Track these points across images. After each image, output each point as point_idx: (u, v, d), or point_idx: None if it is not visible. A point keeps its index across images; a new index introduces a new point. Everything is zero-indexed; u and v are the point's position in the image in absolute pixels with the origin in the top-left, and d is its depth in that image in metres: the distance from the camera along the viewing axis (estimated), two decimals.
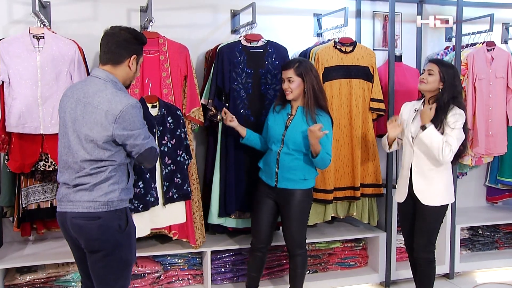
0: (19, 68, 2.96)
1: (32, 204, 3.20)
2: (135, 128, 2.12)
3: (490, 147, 3.91)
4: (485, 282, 3.82)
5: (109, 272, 2.21)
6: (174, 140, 2.89)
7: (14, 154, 3.04)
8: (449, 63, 3.02)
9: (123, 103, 2.09)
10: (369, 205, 3.68)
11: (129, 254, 2.25)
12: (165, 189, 2.95)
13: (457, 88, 2.85)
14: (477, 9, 4.13)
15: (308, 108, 2.89)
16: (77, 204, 2.14)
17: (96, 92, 2.13)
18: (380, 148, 3.68)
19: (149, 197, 2.88)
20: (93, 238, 2.16)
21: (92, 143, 2.11)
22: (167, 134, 2.89)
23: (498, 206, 4.49)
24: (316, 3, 3.92)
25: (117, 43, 2.19)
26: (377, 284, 3.74)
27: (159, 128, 2.89)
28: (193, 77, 3.27)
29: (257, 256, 3.07)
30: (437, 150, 2.78)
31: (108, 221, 2.15)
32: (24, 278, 3.12)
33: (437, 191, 2.89)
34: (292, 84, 2.88)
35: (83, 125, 2.12)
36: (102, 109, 2.09)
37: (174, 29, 3.52)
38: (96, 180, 2.13)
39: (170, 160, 2.92)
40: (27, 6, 3.15)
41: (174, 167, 2.94)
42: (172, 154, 2.93)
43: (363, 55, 3.57)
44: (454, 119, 2.79)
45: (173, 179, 2.96)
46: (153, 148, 2.21)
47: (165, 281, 3.38)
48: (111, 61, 2.20)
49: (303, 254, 3.05)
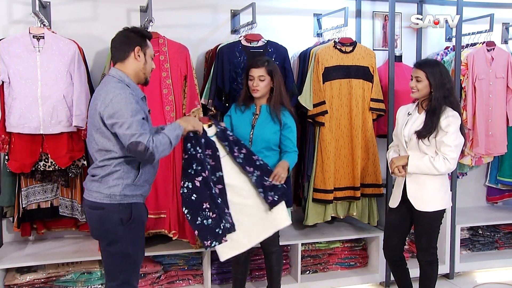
0: (19, 68, 2.97)
1: (32, 204, 3.20)
2: (121, 117, 2.16)
3: (490, 147, 3.90)
4: (485, 282, 3.82)
5: (112, 263, 2.33)
6: (244, 149, 2.80)
7: (14, 154, 3.04)
8: (433, 60, 2.96)
9: (115, 92, 2.18)
10: (369, 205, 3.68)
11: (130, 248, 2.29)
12: (263, 195, 2.81)
13: (446, 86, 2.79)
14: (477, 9, 4.13)
15: (273, 106, 2.91)
16: (89, 193, 2.31)
17: (102, 87, 2.28)
18: (380, 148, 3.69)
19: (224, 222, 2.64)
20: (94, 227, 2.34)
21: (98, 132, 2.23)
22: (235, 146, 2.78)
23: (498, 206, 4.49)
24: (316, 3, 3.92)
25: (119, 41, 2.34)
26: (377, 284, 3.74)
27: (225, 143, 2.77)
28: (193, 77, 3.27)
29: (241, 258, 3.02)
30: (429, 170, 2.78)
31: (109, 213, 2.26)
32: (24, 278, 3.12)
33: (430, 197, 2.86)
34: (262, 82, 2.89)
35: (92, 116, 2.27)
36: (100, 99, 2.22)
37: (174, 29, 3.52)
38: (104, 173, 2.26)
39: (252, 167, 2.79)
40: (27, 6, 3.15)
41: (259, 173, 2.80)
42: (250, 162, 2.80)
43: (363, 55, 3.56)
44: (446, 122, 2.74)
45: (264, 183, 2.81)
46: (139, 143, 2.15)
47: (165, 281, 3.38)
48: (118, 58, 2.34)
49: (278, 251, 3.06)
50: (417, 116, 2.89)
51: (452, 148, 2.75)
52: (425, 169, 2.79)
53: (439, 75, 2.78)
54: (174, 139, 2.30)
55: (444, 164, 2.76)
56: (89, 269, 3.24)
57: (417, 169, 2.81)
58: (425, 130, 2.78)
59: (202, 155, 2.62)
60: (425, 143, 2.79)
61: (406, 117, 2.94)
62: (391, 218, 3.08)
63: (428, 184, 2.86)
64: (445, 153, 2.75)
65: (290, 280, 3.57)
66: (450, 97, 2.80)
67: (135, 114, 2.18)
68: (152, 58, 2.41)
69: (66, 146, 3.09)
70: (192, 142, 2.60)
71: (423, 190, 2.87)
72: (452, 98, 2.82)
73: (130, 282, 2.35)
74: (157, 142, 2.20)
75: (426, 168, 2.79)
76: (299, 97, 3.41)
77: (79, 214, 3.25)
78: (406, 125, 2.91)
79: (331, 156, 3.49)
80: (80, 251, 3.26)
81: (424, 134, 2.78)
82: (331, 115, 3.49)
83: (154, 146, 2.18)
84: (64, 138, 3.08)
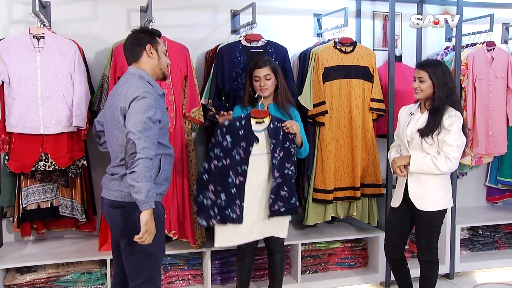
0: (19, 68, 2.97)
1: (32, 204, 3.20)
2: (136, 108, 2.18)
3: (490, 147, 3.90)
4: (485, 282, 3.82)
5: (134, 261, 2.33)
6: (282, 153, 2.84)
7: (14, 154, 3.04)
8: (435, 60, 2.97)
9: (140, 89, 2.22)
10: (369, 205, 3.68)
11: (153, 246, 2.28)
12: (271, 202, 2.85)
13: (448, 85, 2.80)
14: (477, 9, 4.13)
15: (281, 103, 2.96)
16: (109, 192, 2.33)
17: (123, 83, 2.31)
18: (380, 148, 3.69)
19: (230, 212, 2.79)
20: (116, 225, 2.35)
21: (117, 128, 2.26)
22: (279, 146, 2.83)
23: (498, 206, 4.49)
24: (316, 3, 3.92)
25: (130, 43, 2.39)
26: (377, 284, 3.74)
27: (272, 141, 2.82)
28: (193, 77, 3.27)
29: (247, 261, 3.04)
30: (431, 170, 2.79)
31: (130, 212, 2.26)
32: (24, 278, 3.12)
33: (431, 196, 2.87)
34: (269, 81, 2.92)
35: (113, 113, 2.29)
36: (123, 94, 2.24)
37: (174, 29, 3.52)
38: (124, 172, 2.24)
39: (279, 173, 2.84)
40: (27, 6, 3.15)
41: (280, 180, 2.85)
42: (280, 168, 2.85)
43: (363, 55, 3.56)
44: (449, 122, 2.75)
45: (279, 192, 2.86)
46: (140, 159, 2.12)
47: (165, 281, 3.38)
48: (133, 59, 2.38)
49: (282, 251, 3.08)
50: (419, 115, 2.89)
51: (454, 148, 2.75)
52: (427, 168, 2.80)
53: (442, 74, 2.80)
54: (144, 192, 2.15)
55: (446, 163, 2.76)
56: (89, 269, 3.24)
57: (419, 169, 2.82)
58: (428, 128, 2.79)
59: (230, 145, 2.79)
60: (428, 142, 2.80)
61: (409, 117, 2.95)
62: (392, 218, 3.08)
63: (429, 184, 2.86)
64: (447, 152, 2.75)
65: (290, 280, 3.57)
66: (452, 96, 2.82)
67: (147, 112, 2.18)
68: (165, 54, 2.45)
69: (66, 146, 3.09)
70: (223, 130, 2.79)
71: (425, 189, 2.87)
72: (454, 97, 2.84)
73: (153, 280, 2.36)
74: (144, 169, 2.14)
75: (428, 168, 2.79)
76: (299, 97, 3.41)
77: (79, 214, 3.25)
78: (408, 125, 2.92)
79: (331, 156, 3.49)
80: (80, 251, 3.26)
81: (427, 132, 2.79)
82: (331, 115, 3.49)
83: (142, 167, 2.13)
84: (64, 138, 3.08)
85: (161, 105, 2.32)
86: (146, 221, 2.17)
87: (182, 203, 3.21)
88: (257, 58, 3.02)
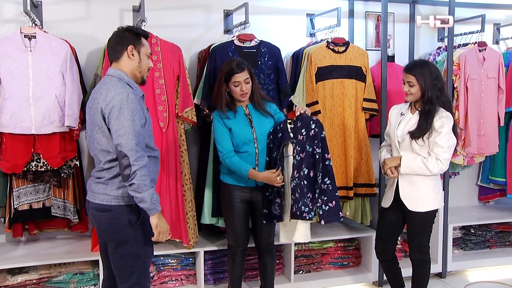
0: (10, 67, 2.95)
1: (24, 205, 3.18)
2: (121, 116, 2.15)
3: (482, 147, 3.93)
4: (477, 281, 3.84)
5: (123, 264, 2.31)
6: (303, 154, 2.79)
7: (6, 154, 3.02)
8: (421, 61, 2.94)
9: (116, 91, 2.18)
10: (362, 205, 3.69)
11: (141, 249, 2.29)
12: (292, 202, 2.81)
13: (437, 86, 2.79)
14: (468, 10, 4.15)
15: (259, 103, 2.95)
16: (95, 195, 2.29)
17: (102, 86, 2.27)
18: (373, 148, 3.70)
19: (273, 210, 2.88)
20: (102, 229, 2.32)
21: (100, 131, 2.22)
22: (298, 146, 2.80)
23: (490, 206, 4.52)
24: (309, 3, 3.92)
25: (114, 40, 2.33)
26: (370, 284, 3.75)
27: (293, 140, 2.82)
28: (186, 77, 3.26)
29: (238, 259, 3.04)
30: (422, 171, 2.80)
31: (117, 215, 2.25)
32: (15, 279, 3.10)
33: (423, 197, 2.88)
34: (248, 84, 2.89)
35: (93, 116, 2.25)
36: (102, 98, 2.20)
37: (167, 29, 3.51)
38: (110, 175, 2.25)
39: (298, 174, 2.79)
40: (18, 5, 3.13)
41: (306, 182, 2.79)
42: (298, 169, 2.80)
43: (356, 55, 3.57)
44: (440, 123, 2.75)
45: (303, 190, 2.79)
46: (136, 171, 2.12)
47: (158, 281, 3.38)
48: (114, 58, 2.33)
49: (272, 250, 3.09)
50: (410, 116, 2.90)
51: (445, 149, 2.76)
52: (418, 170, 2.81)
53: (429, 75, 2.79)
54: (148, 200, 2.17)
55: (437, 164, 2.77)
56: (81, 270, 3.22)
57: (410, 170, 2.83)
58: (419, 131, 2.79)
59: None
60: (419, 143, 2.80)
61: (399, 117, 2.95)
62: (383, 218, 3.09)
63: (420, 184, 2.87)
64: (438, 153, 2.77)
65: (283, 280, 3.57)
66: (442, 97, 2.82)
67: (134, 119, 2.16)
68: (148, 56, 2.38)
69: (59, 146, 3.07)
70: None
71: (416, 190, 2.88)
72: (444, 97, 2.84)
73: (142, 283, 2.35)
74: (142, 178, 2.14)
75: (419, 169, 2.80)
76: (292, 97, 3.42)
77: (72, 215, 3.24)
78: (399, 126, 2.92)
79: None
80: (72, 251, 3.24)
81: (418, 135, 2.79)
82: (324, 115, 3.50)
83: (139, 177, 2.13)
84: (56, 138, 3.06)
85: (142, 106, 2.29)
86: (157, 224, 2.23)
87: (176, 203, 3.21)
88: (228, 62, 2.95)
